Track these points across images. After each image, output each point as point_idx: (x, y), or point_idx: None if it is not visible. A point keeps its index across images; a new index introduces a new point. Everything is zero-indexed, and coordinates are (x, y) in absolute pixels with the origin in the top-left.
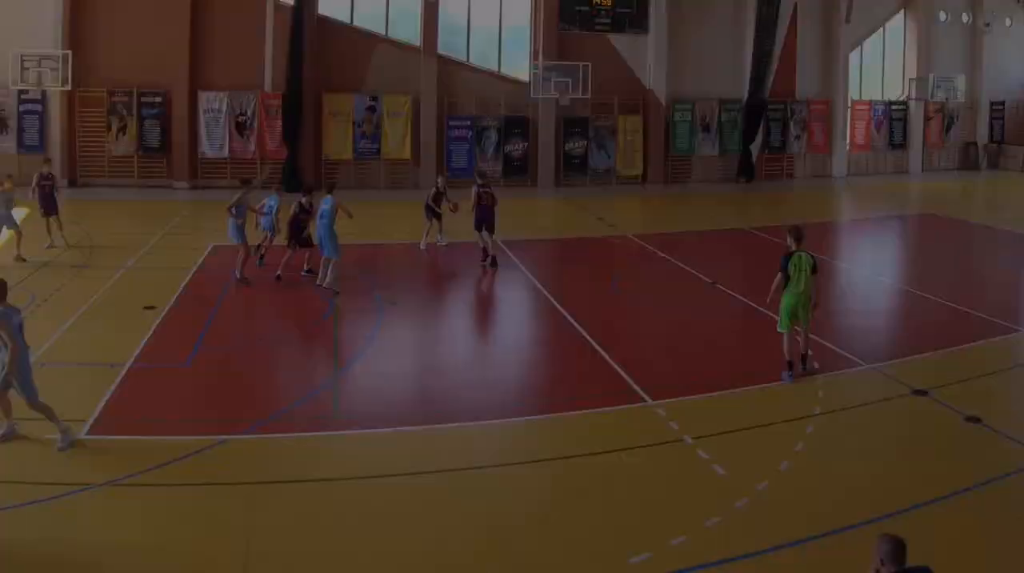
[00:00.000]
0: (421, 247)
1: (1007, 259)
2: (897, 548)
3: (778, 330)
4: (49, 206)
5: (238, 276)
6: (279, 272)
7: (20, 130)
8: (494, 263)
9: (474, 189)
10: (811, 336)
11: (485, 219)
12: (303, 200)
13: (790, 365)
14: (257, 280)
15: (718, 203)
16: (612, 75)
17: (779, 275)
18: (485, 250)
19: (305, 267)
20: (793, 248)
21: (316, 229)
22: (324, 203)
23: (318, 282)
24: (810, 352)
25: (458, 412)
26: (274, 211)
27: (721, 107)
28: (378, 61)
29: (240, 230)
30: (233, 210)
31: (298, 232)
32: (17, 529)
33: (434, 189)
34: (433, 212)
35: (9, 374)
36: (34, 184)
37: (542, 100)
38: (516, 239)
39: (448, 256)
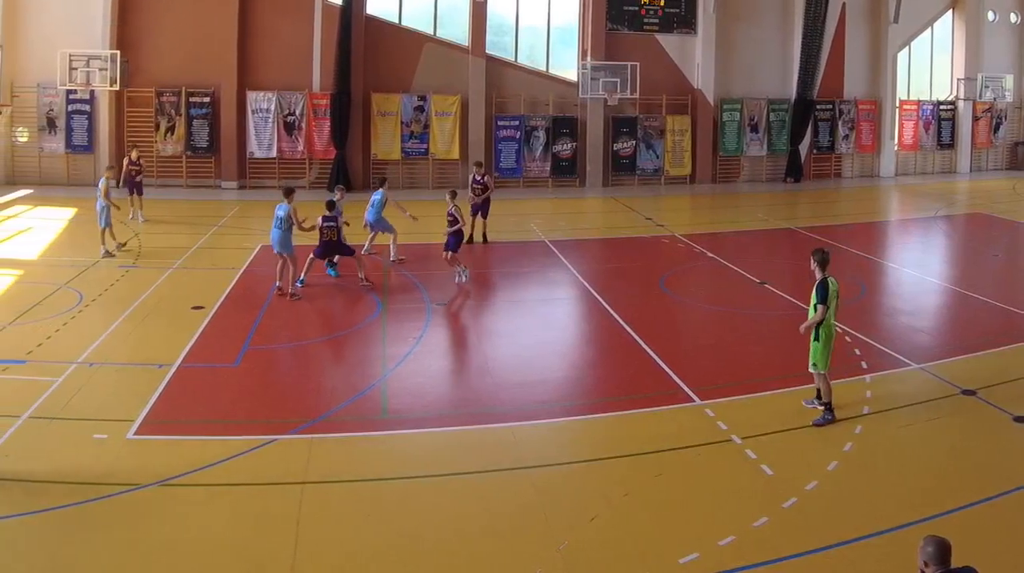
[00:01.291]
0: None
1: None
2: (942, 550)
3: (820, 371)
4: (136, 188)
5: (294, 290)
6: (362, 276)
7: (68, 130)
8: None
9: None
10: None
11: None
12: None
13: (829, 406)
14: (319, 278)
15: (766, 203)
16: (660, 75)
17: (821, 308)
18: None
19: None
20: (819, 275)
21: (366, 216)
22: (375, 195)
23: (392, 259)
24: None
25: (506, 412)
26: (378, 205)
27: (769, 107)
28: (426, 61)
29: (286, 241)
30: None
31: (328, 243)
32: (66, 530)
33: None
34: (477, 208)
35: None
36: (123, 170)
37: (590, 100)
38: (564, 239)
39: (495, 255)
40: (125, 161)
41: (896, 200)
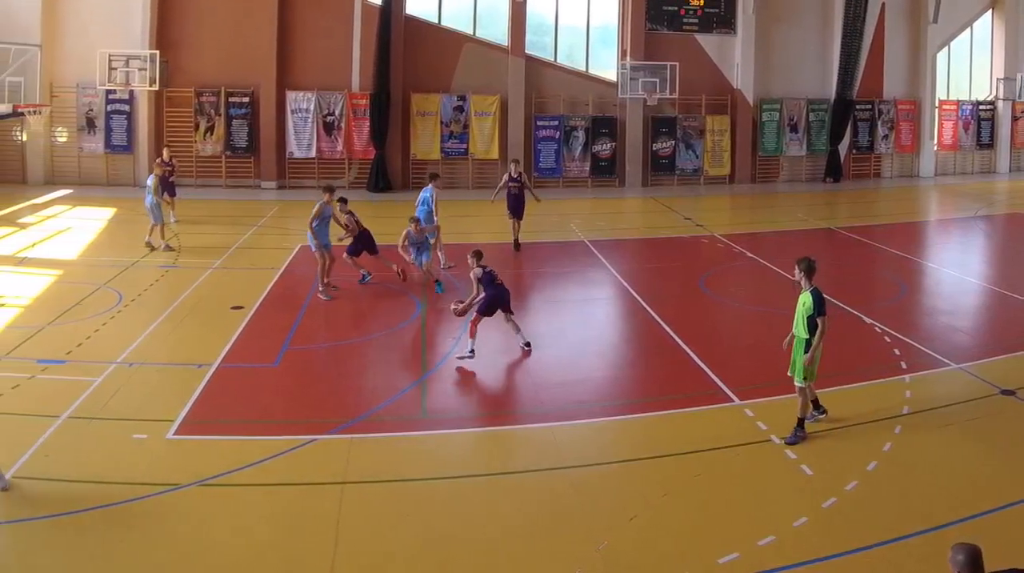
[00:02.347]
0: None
1: None
2: (972, 557)
3: (806, 382)
4: (170, 189)
5: (320, 289)
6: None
7: (108, 130)
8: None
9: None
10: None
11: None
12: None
13: (817, 403)
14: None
15: (806, 203)
16: (699, 75)
17: (822, 321)
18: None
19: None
20: (806, 285)
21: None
22: (424, 192)
23: (443, 266)
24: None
25: (545, 412)
26: (429, 203)
27: (809, 107)
28: (466, 61)
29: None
30: (314, 223)
31: (361, 239)
32: (105, 530)
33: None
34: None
35: None
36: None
37: (630, 100)
38: (604, 239)
39: (534, 255)
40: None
41: (935, 200)
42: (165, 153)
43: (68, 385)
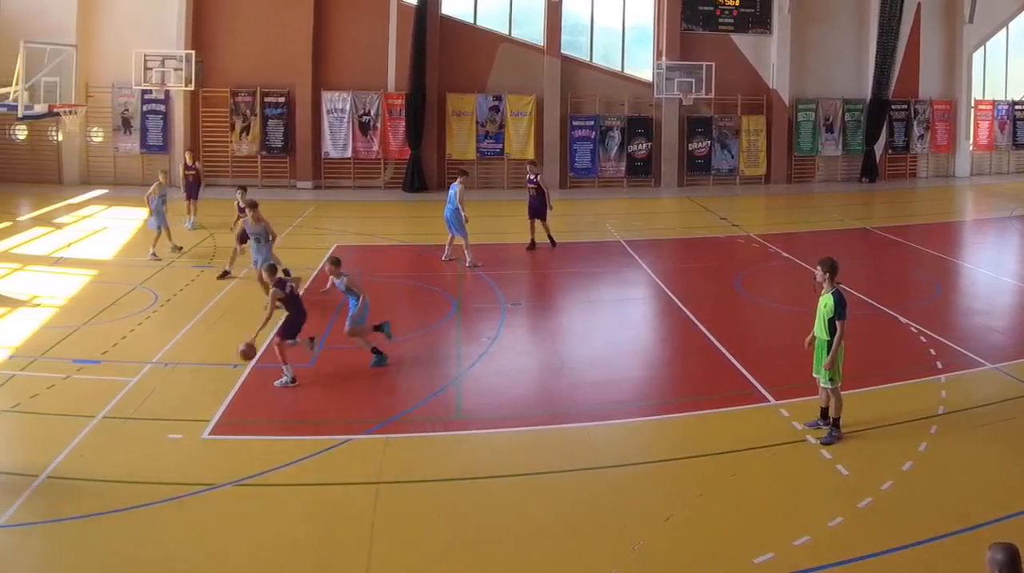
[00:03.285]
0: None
1: None
2: (1011, 556)
3: (834, 385)
4: (191, 192)
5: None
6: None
7: (143, 130)
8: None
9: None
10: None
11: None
12: None
13: (838, 422)
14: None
15: (841, 203)
16: (735, 75)
17: (841, 324)
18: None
19: None
20: (828, 286)
21: (444, 213)
22: (451, 188)
23: (468, 263)
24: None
25: (581, 411)
26: (453, 200)
27: (844, 107)
28: (501, 61)
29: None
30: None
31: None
32: (140, 530)
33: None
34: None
35: None
36: (180, 174)
37: (665, 100)
38: (639, 239)
39: (570, 255)
40: (180, 166)
41: (971, 200)
42: (188, 156)
43: (104, 385)
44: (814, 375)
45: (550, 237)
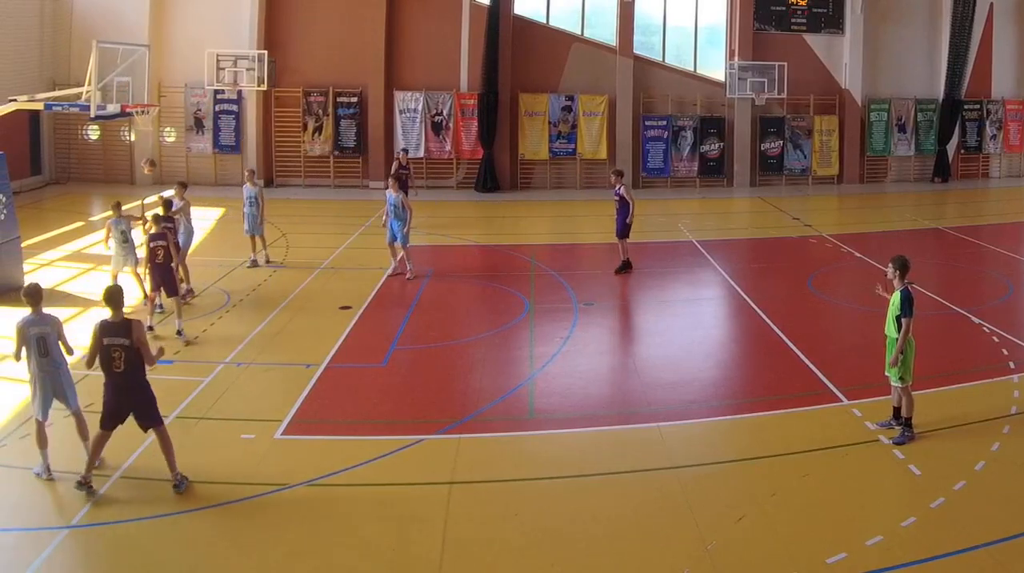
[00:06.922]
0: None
1: None
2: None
3: (904, 384)
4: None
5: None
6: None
7: (216, 130)
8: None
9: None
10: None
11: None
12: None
13: (910, 422)
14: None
15: (914, 203)
16: (807, 75)
17: (907, 322)
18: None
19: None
20: (899, 284)
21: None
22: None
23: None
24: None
25: (654, 411)
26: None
27: (917, 107)
28: (574, 61)
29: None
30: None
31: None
32: (213, 529)
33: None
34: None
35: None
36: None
37: (738, 100)
38: (712, 239)
39: (643, 256)
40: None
41: None
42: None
43: (176, 385)
44: (886, 374)
45: (625, 259)
